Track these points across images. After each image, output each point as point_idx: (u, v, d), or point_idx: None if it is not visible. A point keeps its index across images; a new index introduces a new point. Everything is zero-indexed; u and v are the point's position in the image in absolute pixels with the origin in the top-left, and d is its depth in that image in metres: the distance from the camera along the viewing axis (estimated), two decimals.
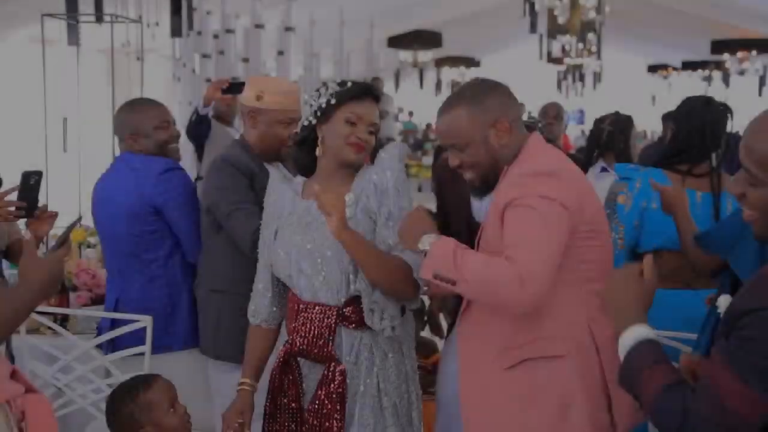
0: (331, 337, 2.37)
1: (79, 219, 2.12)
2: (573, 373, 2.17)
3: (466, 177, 2.30)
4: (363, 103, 2.40)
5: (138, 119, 3.19)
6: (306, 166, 2.51)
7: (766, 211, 1.62)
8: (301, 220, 2.43)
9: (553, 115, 5.92)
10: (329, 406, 2.36)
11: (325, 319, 2.37)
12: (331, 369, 2.37)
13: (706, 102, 3.24)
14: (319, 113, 2.41)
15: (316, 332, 2.38)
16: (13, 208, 2.89)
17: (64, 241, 1.95)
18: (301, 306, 2.42)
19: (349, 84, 2.43)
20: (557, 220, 2.07)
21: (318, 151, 2.44)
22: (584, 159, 4.58)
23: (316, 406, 2.38)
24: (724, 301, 1.66)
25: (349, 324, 2.37)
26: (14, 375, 1.88)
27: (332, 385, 2.36)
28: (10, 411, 1.81)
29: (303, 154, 2.49)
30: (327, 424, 2.36)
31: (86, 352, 3.04)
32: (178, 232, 3.12)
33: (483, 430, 2.27)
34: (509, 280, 1.99)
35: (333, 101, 2.39)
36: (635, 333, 1.61)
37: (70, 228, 2.01)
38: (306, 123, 2.45)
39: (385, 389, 2.38)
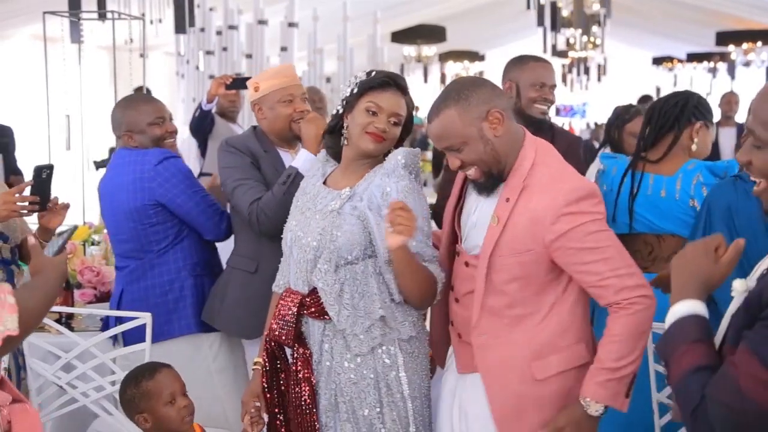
0: (293, 323, 2.41)
1: (75, 228, 2.17)
2: None
3: (470, 176, 2.29)
4: (385, 93, 2.40)
5: (132, 116, 3.20)
6: (336, 154, 2.56)
7: None
8: (304, 206, 2.48)
9: None
10: (296, 389, 2.41)
11: (292, 306, 2.42)
12: (294, 353, 2.43)
13: (660, 97, 3.48)
14: (344, 103, 2.45)
15: (286, 318, 2.43)
16: (26, 203, 2.92)
17: (61, 249, 1.97)
18: (284, 293, 2.49)
19: (374, 73, 2.44)
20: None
21: (343, 140, 2.47)
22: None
23: (293, 391, 2.42)
24: (739, 285, 1.62)
25: (311, 313, 2.41)
26: (2, 385, 1.88)
27: (294, 368, 2.42)
28: None
29: (333, 143, 2.54)
30: (299, 403, 2.40)
31: (87, 349, 3.02)
32: (187, 216, 3.13)
33: None
34: (643, 311, 2.14)
35: (356, 90, 2.42)
36: (686, 306, 1.59)
37: (66, 238, 2.03)
38: (335, 112, 2.50)
39: (339, 383, 2.38)
